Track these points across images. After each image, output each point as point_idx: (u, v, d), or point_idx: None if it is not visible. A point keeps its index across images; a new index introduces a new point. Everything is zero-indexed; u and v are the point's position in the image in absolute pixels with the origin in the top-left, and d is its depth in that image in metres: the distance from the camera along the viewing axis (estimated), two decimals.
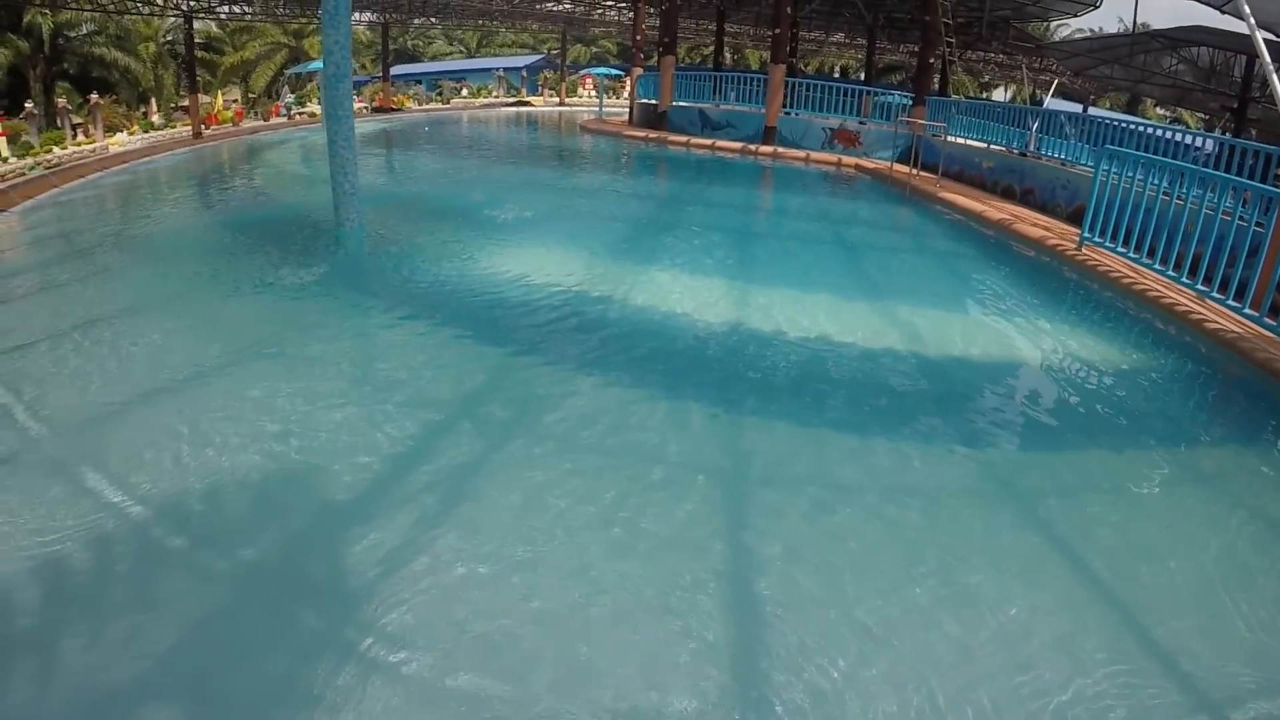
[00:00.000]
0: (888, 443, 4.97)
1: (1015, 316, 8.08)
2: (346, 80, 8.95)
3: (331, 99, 8.95)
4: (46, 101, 34.20)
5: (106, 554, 3.53)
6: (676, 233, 11.18)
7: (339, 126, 8.96)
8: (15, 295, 8.32)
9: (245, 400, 5.10)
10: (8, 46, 33.53)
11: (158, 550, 3.60)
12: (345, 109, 9.03)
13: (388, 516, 3.87)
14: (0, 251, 11.40)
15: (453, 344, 6.36)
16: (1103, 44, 26.91)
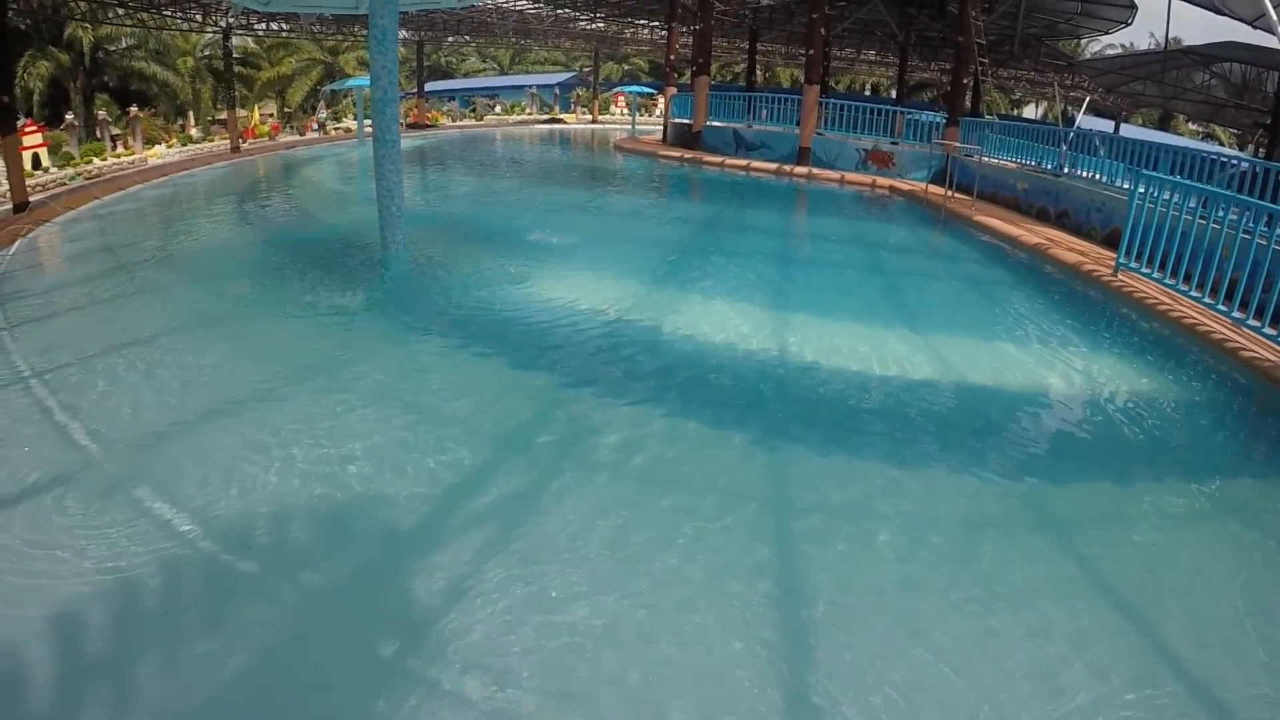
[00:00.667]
0: (929, 472, 5.03)
1: (1052, 345, 8.04)
2: (393, 104, 9.15)
3: (379, 123, 9.14)
4: (86, 113, 34.93)
5: (174, 578, 3.64)
6: (716, 259, 11.23)
7: (386, 150, 9.17)
8: (63, 309, 8.54)
9: (302, 425, 5.22)
10: (49, 59, 34.29)
11: (224, 574, 3.72)
12: (392, 133, 9.21)
13: (447, 543, 3.97)
14: (45, 264, 11.71)
15: (502, 372, 6.46)
16: (1135, 60, 26.77)
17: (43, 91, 34.13)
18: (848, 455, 5.24)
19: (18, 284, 9.95)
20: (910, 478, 4.96)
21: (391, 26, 8.86)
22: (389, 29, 8.84)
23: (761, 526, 4.33)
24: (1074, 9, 26.24)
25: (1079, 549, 4.27)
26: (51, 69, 34.41)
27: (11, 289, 9.60)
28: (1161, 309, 8.77)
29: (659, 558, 3.93)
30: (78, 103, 35.63)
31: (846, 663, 3.27)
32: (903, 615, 3.61)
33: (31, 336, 7.48)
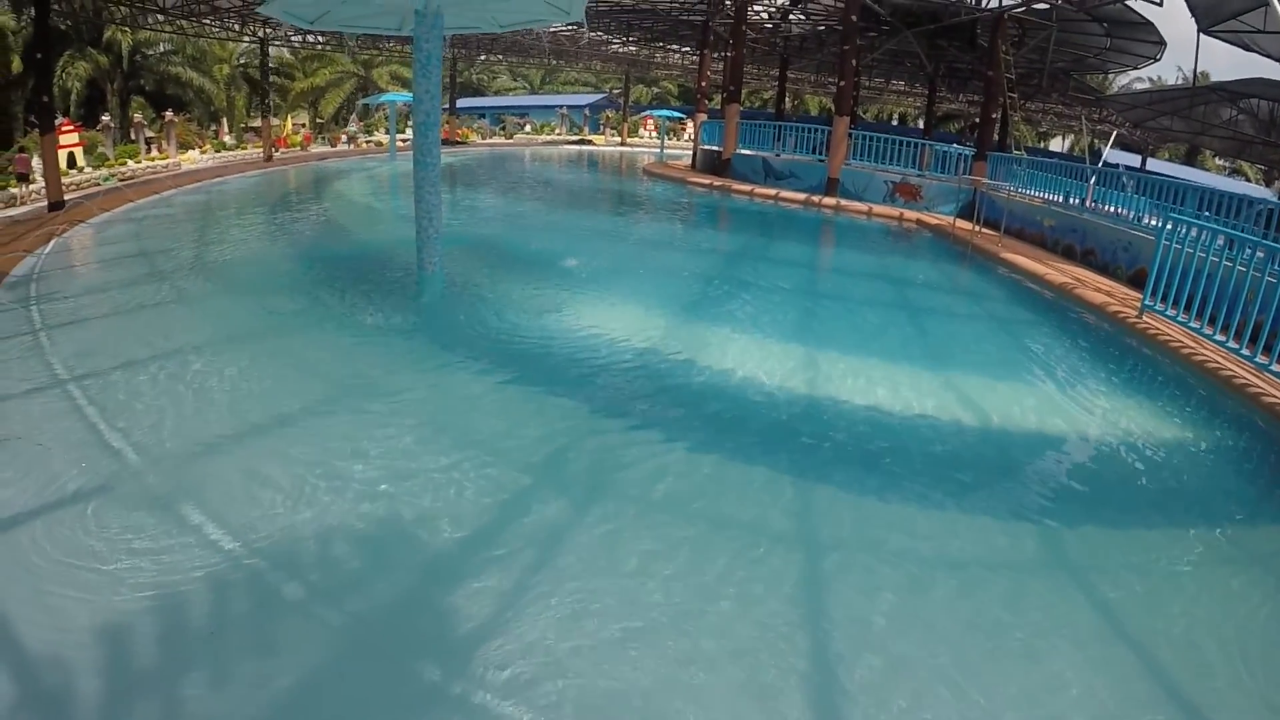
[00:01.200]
0: (951, 512, 5.05)
1: (1075, 388, 7.99)
2: (435, 128, 9.26)
3: (420, 145, 9.26)
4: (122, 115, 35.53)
5: (220, 596, 3.70)
6: (745, 291, 11.20)
7: (426, 172, 9.27)
8: (99, 313, 8.68)
9: (340, 446, 5.28)
10: (88, 60, 34.90)
11: (269, 594, 3.78)
12: (433, 155, 9.32)
13: (484, 568, 4.02)
14: (81, 265, 11.88)
15: (536, 399, 6.49)
16: (1162, 96, 26.74)
17: (80, 92, 34.70)
18: (872, 493, 5.25)
19: (54, 284, 10.10)
20: (932, 517, 4.98)
21: (436, 51, 8.96)
22: (433, 53, 8.94)
23: (786, 560, 4.36)
24: (1103, 44, 26.26)
25: (1098, 593, 4.29)
26: (90, 70, 35.02)
27: (47, 289, 9.75)
28: (1185, 352, 8.69)
29: (690, 588, 3.98)
30: (114, 104, 36.25)
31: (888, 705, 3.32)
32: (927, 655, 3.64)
33: (68, 339, 7.59)
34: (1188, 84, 43.02)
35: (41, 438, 5.22)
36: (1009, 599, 4.16)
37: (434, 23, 8.83)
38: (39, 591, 3.63)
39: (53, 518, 4.24)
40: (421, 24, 8.85)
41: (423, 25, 8.85)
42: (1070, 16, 22.62)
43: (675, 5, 29.95)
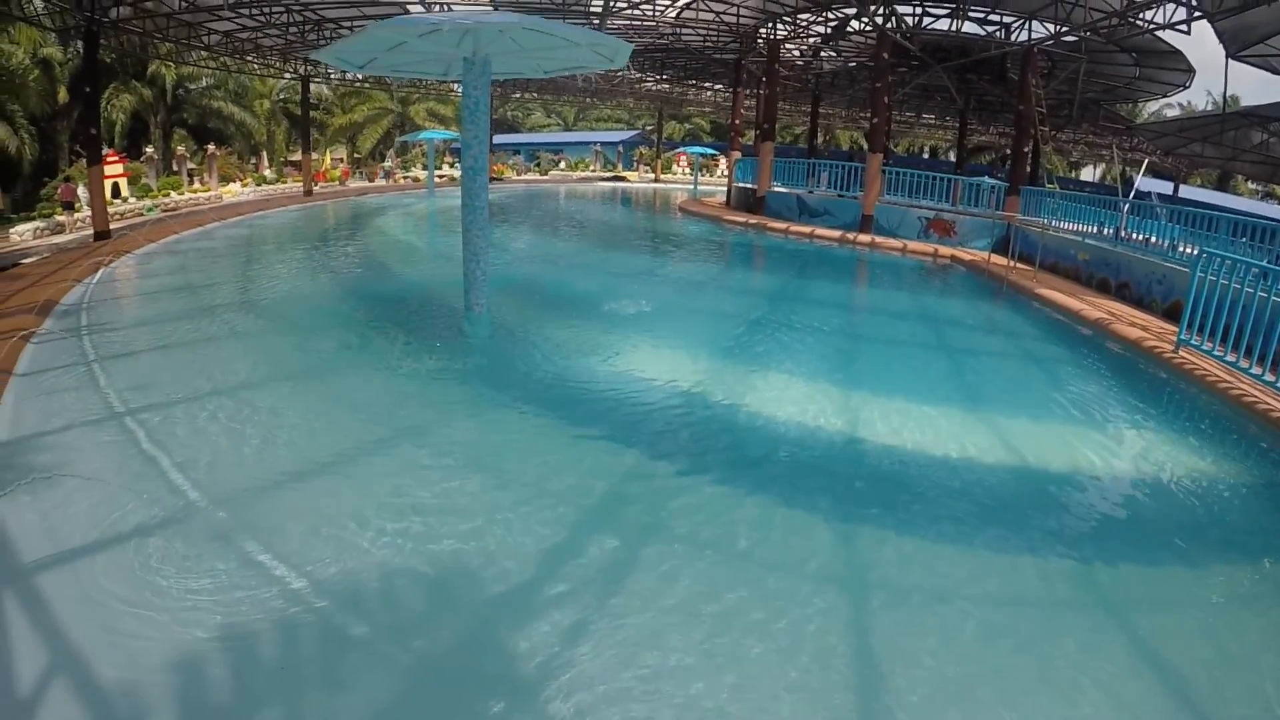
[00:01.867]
0: (997, 554, 5.09)
1: (1113, 426, 7.94)
2: (483, 173, 9.49)
3: (469, 189, 9.47)
4: (164, 147, 36.37)
5: (287, 633, 3.82)
6: (785, 333, 11.19)
7: (474, 216, 9.48)
8: (150, 346, 8.93)
9: (397, 486, 5.41)
10: (132, 92, 35.82)
11: (334, 631, 3.89)
12: (481, 199, 9.54)
13: (546, 608, 4.11)
14: (129, 296, 12.20)
15: (585, 442, 6.54)
16: (1192, 123, 26.57)
17: (124, 124, 35.55)
18: (919, 536, 5.29)
19: (103, 315, 10.38)
20: (978, 557, 5.05)
21: (484, 99, 9.18)
22: (481, 100, 9.16)
23: (834, 599, 4.42)
24: (1132, 74, 26.29)
25: (1141, 629, 4.34)
26: (134, 102, 35.93)
27: (98, 320, 10.02)
28: (1222, 386, 8.65)
29: (742, 626, 4.06)
30: (157, 137, 37.18)
31: None
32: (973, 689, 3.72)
33: (121, 371, 7.84)
34: (1217, 108, 42.85)
35: (104, 473, 5.39)
36: (1053, 635, 4.21)
37: (482, 70, 9.07)
38: (109, 628, 3.76)
39: (120, 553, 4.38)
40: (470, 72, 9.08)
41: (471, 73, 9.08)
42: (1099, 48, 22.67)
43: (709, 44, 30.35)
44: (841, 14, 24.99)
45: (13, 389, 7.15)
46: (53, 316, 10.08)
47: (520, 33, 8.82)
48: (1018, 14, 22.69)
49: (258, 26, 24.76)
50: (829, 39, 28.37)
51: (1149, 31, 19.33)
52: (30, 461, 5.55)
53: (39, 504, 4.90)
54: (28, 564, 4.25)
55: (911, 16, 23.99)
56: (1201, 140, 26.37)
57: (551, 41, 9.14)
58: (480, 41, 8.82)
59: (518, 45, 9.29)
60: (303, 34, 25.28)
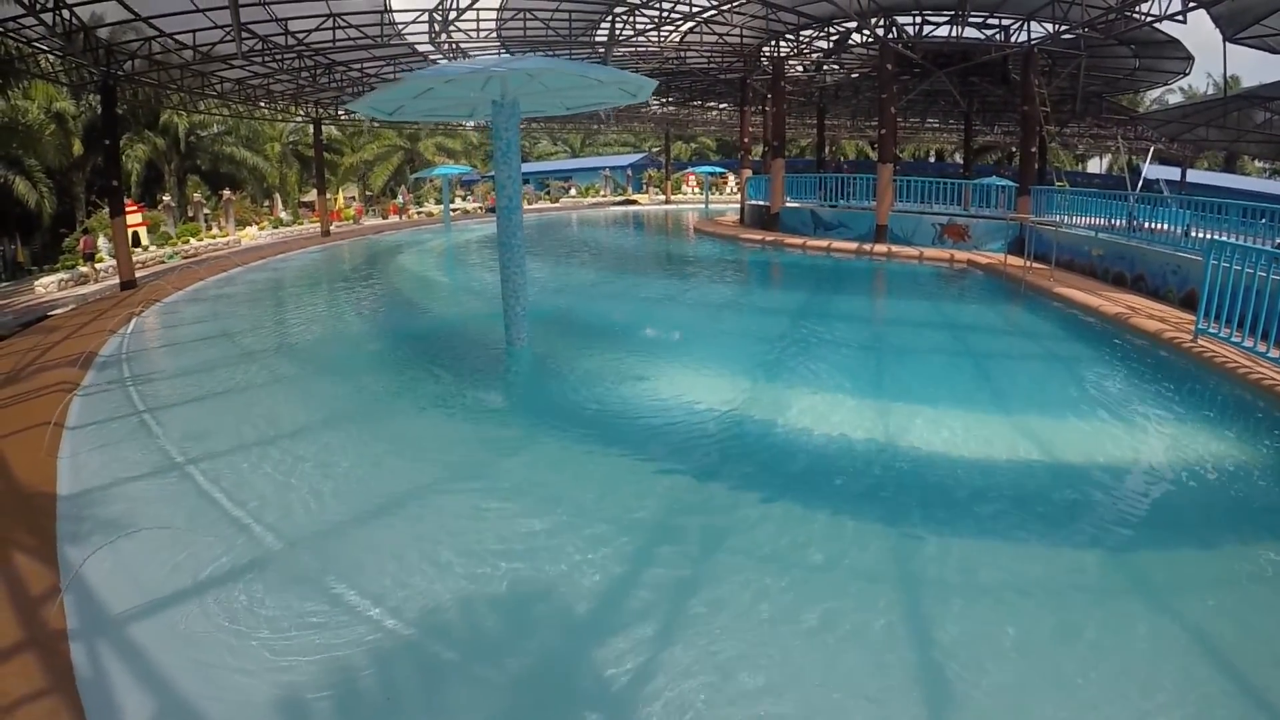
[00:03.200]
0: (1041, 549, 5.25)
1: (1140, 418, 7.99)
2: (518, 211, 9.69)
3: (505, 227, 9.68)
4: (180, 194, 37.02)
5: (385, 665, 3.96)
6: (819, 349, 11.22)
7: (511, 254, 9.70)
8: (196, 395, 9.09)
9: (463, 523, 5.53)
10: (145, 142, 36.56)
11: (430, 660, 4.04)
12: (518, 237, 9.76)
13: (621, 628, 4.25)
14: (166, 345, 12.43)
15: (639, 469, 6.59)
16: (1196, 109, 26.63)
17: (139, 173, 36.29)
18: (964, 534, 5.45)
19: (145, 365, 10.62)
20: (1029, 552, 5.21)
21: (514, 139, 9.39)
22: (512, 141, 9.37)
23: (898, 603, 4.58)
24: (1132, 65, 26.39)
25: (1188, 614, 4.51)
26: (148, 151, 36.67)
27: (140, 370, 10.24)
28: (1241, 372, 8.86)
29: (813, 634, 4.21)
30: (172, 184, 37.84)
31: None
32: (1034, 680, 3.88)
33: (174, 421, 8.04)
34: (1218, 91, 42.97)
35: (178, 522, 5.57)
36: (1107, 623, 4.37)
37: (511, 112, 9.31)
38: (212, 669, 3.91)
39: (212, 598, 4.55)
40: (500, 114, 9.30)
41: (501, 115, 9.30)
42: (1098, 43, 22.80)
43: (713, 65, 30.68)
44: (843, 28, 25.24)
45: (67, 442, 7.36)
46: (94, 368, 10.34)
47: (549, 75, 9.04)
48: (1016, 16, 22.87)
49: (269, 73, 25.24)
50: (831, 53, 28.61)
51: (1147, 24, 19.46)
52: (101, 514, 5.73)
53: (121, 557, 5.05)
54: (121, 614, 4.41)
55: (912, 26, 24.20)
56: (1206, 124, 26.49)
57: (579, 82, 9.42)
58: (509, 85, 9.07)
59: (544, 86, 9.54)
60: (314, 78, 25.78)
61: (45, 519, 5.63)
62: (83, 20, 16.99)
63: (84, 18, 17.00)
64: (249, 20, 18.47)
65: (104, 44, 18.36)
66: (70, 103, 32.20)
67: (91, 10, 17.05)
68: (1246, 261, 9.28)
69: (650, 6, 21.94)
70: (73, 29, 16.57)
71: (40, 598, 4.52)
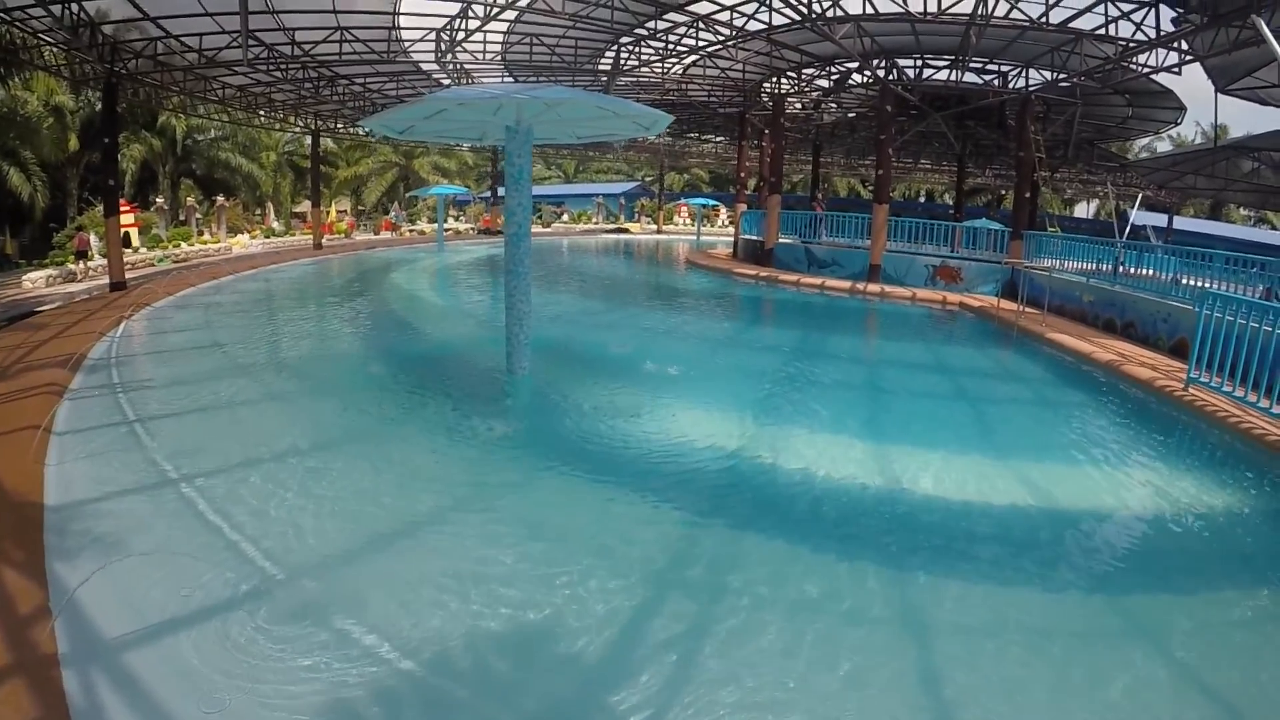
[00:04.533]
0: (1034, 594, 5.38)
1: (1132, 465, 8.27)
2: (527, 239, 9.62)
3: (512, 255, 9.61)
4: (173, 197, 36.73)
5: (394, 702, 3.87)
6: (815, 389, 11.24)
7: (518, 281, 9.64)
8: (188, 407, 8.86)
9: (471, 553, 5.43)
10: (142, 143, 36.28)
11: (443, 697, 3.95)
12: (525, 265, 9.69)
13: (640, 665, 4.22)
14: (156, 352, 12.14)
15: (643, 505, 6.51)
16: (1185, 157, 27.05)
17: (134, 173, 36.00)
18: (967, 578, 5.54)
19: (135, 371, 10.39)
20: (1036, 598, 5.34)
21: (527, 166, 9.33)
22: (524, 168, 9.31)
23: (906, 642, 4.69)
24: (1125, 114, 26.82)
25: (1178, 655, 4.76)
26: (144, 152, 36.39)
27: (130, 377, 10.01)
28: (1232, 421, 9.10)
29: (826, 671, 4.29)
30: (165, 186, 37.54)
31: None
32: None
33: (166, 434, 7.81)
34: (1207, 139, 43.82)
35: (172, 543, 5.39)
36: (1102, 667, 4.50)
37: (525, 138, 9.26)
38: (211, 704, 3.78)
39: (210, 627, 4.39)
40: (513, 140, 9.25)
41: (514, 142, 9.25)
42: (1093, 91, 23.15)
43: (713, 99, 30.90)
44: (844, 68, 25.51)
45: (55, 449, 7.15)
46: (82, 371, 10.13)
47: (569, 104, 8.97)
48: (1015, 63, 23.18)
49: (272, 82, 25.22)
50: (831, 92, 28.90)
51: (1143, 76, 19.82)
52: (91, 529, 5.54)
53: (116, 578, 4.87)
54: (116, 639, 4.26)
55: (912, 69, 24.49)
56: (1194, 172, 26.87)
57: (595, 113, 9.39)
58: (524, 112, 9.03)
59: (558, 115, 9.49)
60: (316, 90, 25.75)
61: (33, 531, 5.42)
62: (90, 15, 16.85)
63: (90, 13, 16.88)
64: (257, 27, 18.43)
65: (109, 40, 18.20)
66: (70, 97, 31.97)
67: (97, 6, 16.97)
68: (1238, 312, 9.52)
69: (657, 38, 22.14)
70: (80, 23, 16.42)
71: (30, 618, 4.34)
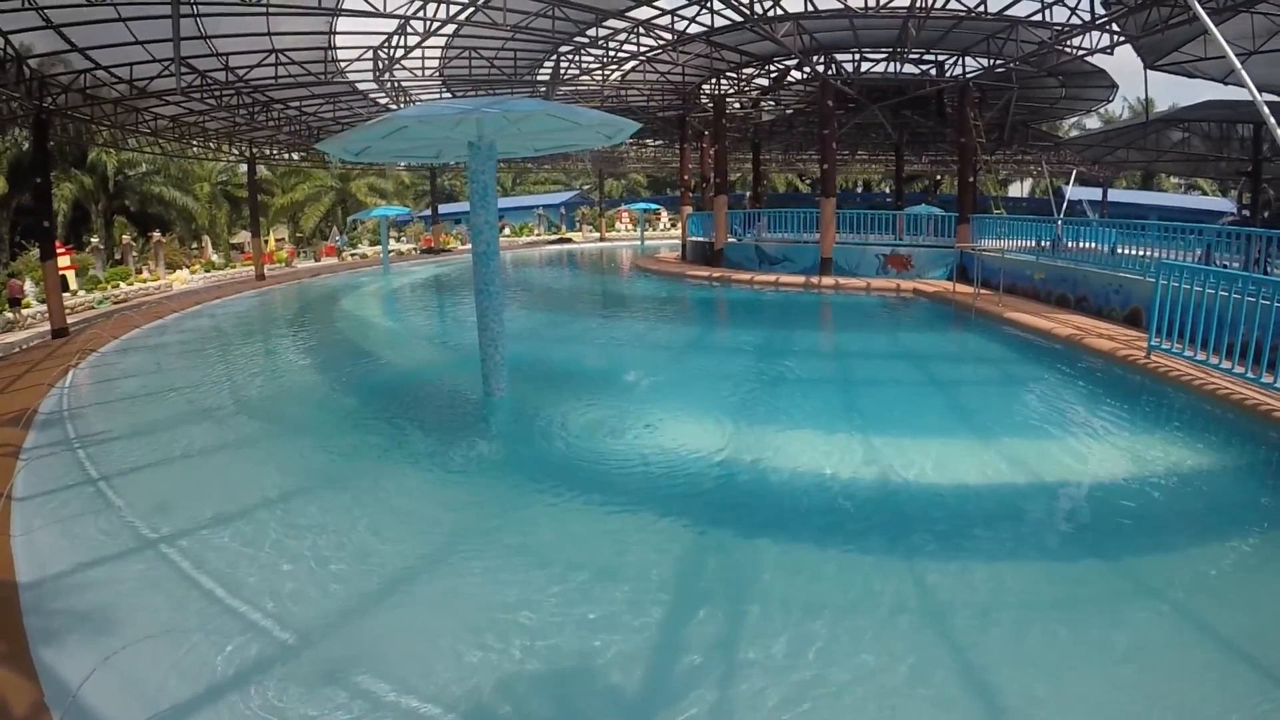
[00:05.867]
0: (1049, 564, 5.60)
1: (1113, 434, 8.53)
2: (495, 257, 9.38)
3: (482, 274, 9.36)
4: (108, 236, 35.41)
5: None
6: (788, 386, 11.14)
7: (489, 301, 9.38)
8: (153, 459, 8.38)
9: (480, 594, 5.18)
10: (73, 181, 35.00)
11: None
12: (495, 284, 9.45)
13: (680, 692, 4.09)
14: (107, 400, 11.57)
15: (644, 522, 6.33)
16: (1117, 132, 27.82)
17: (66, 213, 34.67)
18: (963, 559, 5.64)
19: (90, 424, 9.87)
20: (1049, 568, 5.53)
21: (490, 181, 9.09)
22: (489, 184, 9.07)
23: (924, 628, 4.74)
24: (1058, 95, 27.46)
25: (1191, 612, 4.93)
26: (75, 191, 35.10)
27: (86, 430, 9.52)
28: (1196, 383, 9.46)
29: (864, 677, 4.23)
30: (99, 225, 36.20)
31: None
32: None
33: (136, 491, 7.35)
34: (1134, 113, 45.33)
35: (176, 620, 4.96)
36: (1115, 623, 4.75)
37: (489, 154, 9.02)
38: None
39: (232, 707, 4.07)
40: (476, 156, 9.00)
41: (478, 158, 9.00)
42: (1028, 75, 23.64)
43: (652, 104, 30.85)
44: (782, 66, 25.63)
45: (18, 517, 6.67)
46: (35, 428, 9.62)
47: (533, 117, 8.79)
48: (950, 51, 23.53)
49: (205, 110, 24.51)
50: (769, 90, 29.05)
51: (1078, 58, 20.27)
52: (74, 606, 5.15)
53: (116, 670, 4.43)
54: None
55: (851, 63, 24.71)
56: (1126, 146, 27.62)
57: (558, 124, 9.15)
58: (485, 126, 8.79)
59: (519, 129, 9.29)
60: (251, 116, 25.10)
61: (10, 614, 4.98)
62: (16, 49, 16.07)
63: (16, 46, 16.10)
64: (189, 54, 17.86)
65: (37, 75, 17.41)
66: None
67: (20, 39, 16.14)
68: (1194, 280, 9.86)
69: (598, 45, 21.98)
70: (6, 58, 15.68)
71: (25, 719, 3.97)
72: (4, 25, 15.01)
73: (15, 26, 15.21)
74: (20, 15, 14.15)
